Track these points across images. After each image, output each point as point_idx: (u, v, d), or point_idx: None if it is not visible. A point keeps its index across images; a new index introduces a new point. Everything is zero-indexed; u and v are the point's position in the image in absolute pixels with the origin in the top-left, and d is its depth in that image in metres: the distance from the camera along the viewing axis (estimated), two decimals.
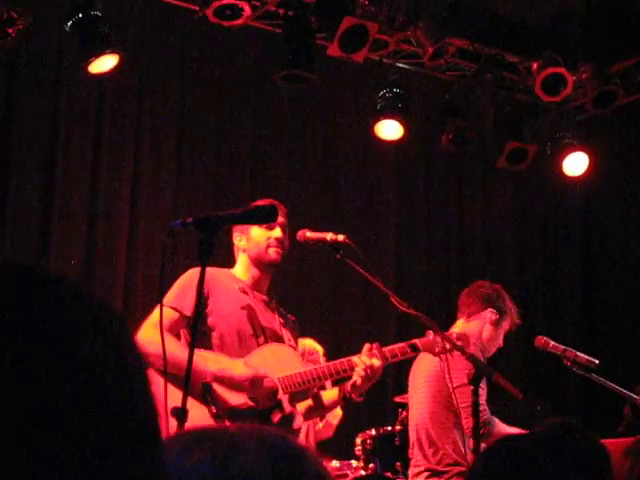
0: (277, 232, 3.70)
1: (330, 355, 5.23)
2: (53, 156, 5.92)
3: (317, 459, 1.03)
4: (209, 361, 3.41)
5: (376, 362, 3.52)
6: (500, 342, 4.53)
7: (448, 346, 3.59)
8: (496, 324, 4.45)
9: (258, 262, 3.73)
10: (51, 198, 5.85)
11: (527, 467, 1.48)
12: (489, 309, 4.45)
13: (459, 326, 4.45)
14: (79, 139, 6.02)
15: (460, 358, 3.55)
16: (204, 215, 2.63)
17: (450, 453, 4.07)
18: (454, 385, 3.84)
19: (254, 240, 3.72)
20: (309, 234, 3.68)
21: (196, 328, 2.60)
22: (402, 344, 3.66)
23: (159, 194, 6.23)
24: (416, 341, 3.66)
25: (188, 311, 3.41)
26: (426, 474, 4.10)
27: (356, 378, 3.52)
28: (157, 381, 2.88)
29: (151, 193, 6.22)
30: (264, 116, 6.73)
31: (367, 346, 3.59)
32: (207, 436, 1.02)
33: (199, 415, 3.18)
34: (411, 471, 4.27)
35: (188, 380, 2.51)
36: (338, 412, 5.22)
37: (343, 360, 3.57)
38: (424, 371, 4.18)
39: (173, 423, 2.59)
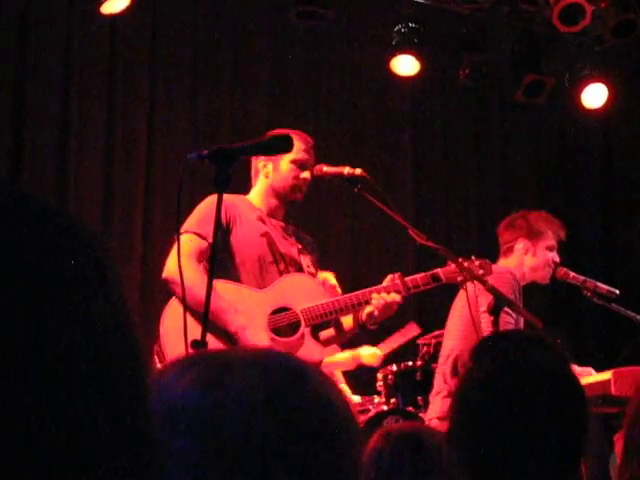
0: (307, 174, 3.69)
1: (349, 290, 5.24)
2: (68, 96, 5.92)
3: (324, 380, 0.97)
4: (237, 313, 3.40)
5: (395, 296, 3.52)
6: (553, 260, 4.43)
7: (470, 275, 3.57)
8: (532, 251, 4.40)
9: (278, 194, 3.71)
10: (66, 140, 5.88)
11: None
12: (519, 239, 4.41)
13: (501, 264, 4.45)
14: (93, 80, 6.02)
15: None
16: (220, 147, 2.61)
17: None
18: (482, 309, 3.84)
19: (282, 173, 3.69)
20: (326, 168, 3.66)
21: (214, 260, 2.59)
22: (424, 274, 3.66)
23: (176, 129, 6.24)
24: (438, 271, 3.65)
25: (210, 238, 3.41)
26: (441, 395, 4.11)
27: (372, 309, 3.53)
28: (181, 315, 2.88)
29: (168, 128, 6.23)
30: (280, 53, 6.68)
31: (389, 277, 3.59)
32: (200, 359, 0.98)
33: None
34: (430, 397, 4.29)
35: (207, 314, 2.52)
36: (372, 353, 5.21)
37: (365, 291, 3.57)
38: (459, 306, 4.17)
39: None
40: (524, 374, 1.46)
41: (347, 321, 3.72)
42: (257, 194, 3.77)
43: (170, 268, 3.34)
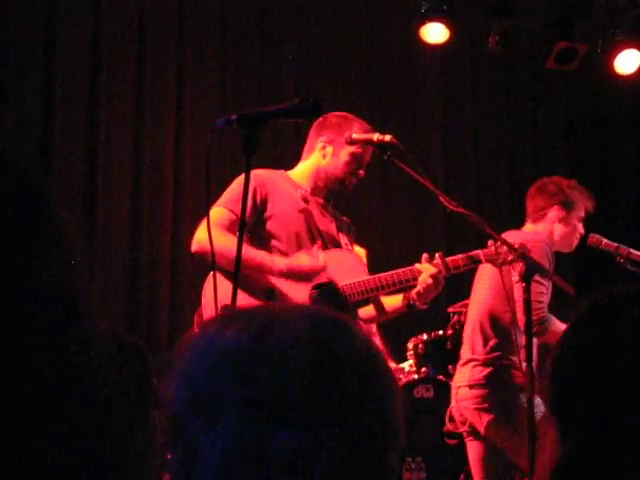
0: (362, 172, 3.69)
1: (379, 259, 5.23)
2: (97, 67, 5.97)
3: (364, 333, 0.99)
4: (275, 258, 3.40)
5: (439, 274, 3.49)
6: (580, 231, 4.42)
7: (510, 258, 3.53)
8: (565, 220, 4.36)
9: (327, 179, 3.69)
10: (96, 110, 5.91)
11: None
12: (554, 207, 4.36)
13: (528, 229, 4.40)
14: (122, 49, 6.06)
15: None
16: (248, 111, 2.59)
17: (499, 346, 4.04)
18: (515, 279, 3.82)
19: (340, 162, 3.65)
20: (355, 135, 3.63)
21: (243, 228, 2.58)
22: (464, 255, 3.60)
23: (205, 97, 6.25)
24: (479, 252, 3.60)
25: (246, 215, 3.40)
26: (472, 364, 4.09)
27: (420, 287, 3.49)
28: (221, 280, 2.87)
29: (197, 96, 6.25)
30: (308, 20, 6.65)
31: (426, 256, 3.54)
32: (244, 313, 0.99)
33: None
34: (458, 366, 4.27)
35: (237, 276, 2.52)
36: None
37: (406, 269, 3.53)
38: (488, 272, 4.13)
39: None
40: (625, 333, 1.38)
41: (395, 300, 3.68)
42: (305, 171, 3.74)
43: (200, 238, 3.33)
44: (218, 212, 3.41)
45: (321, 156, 3.69)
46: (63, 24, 5.88)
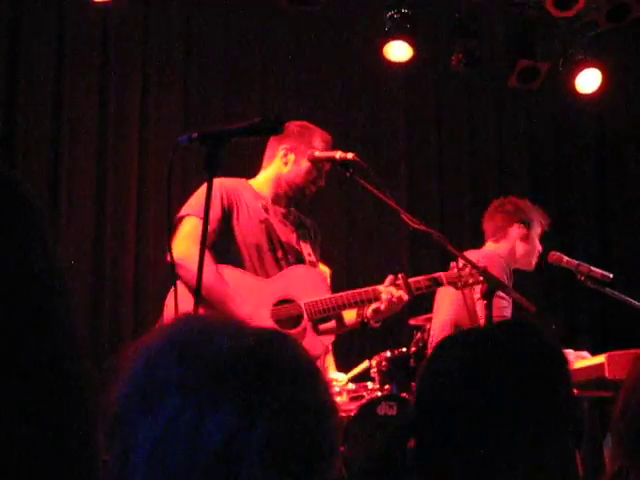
0: (322, 182, 3.72)
1: (342, 276, 5.24)
2: (60, 83, 5.93)
3: (305, 351, 1.01)
4: (244, 302, 3.39)
5: (403, 294, 3.51)
6: (538, 248, 4.48)
7: (471, 281, 3.56)
8: (526, 238, 4.41)
9: (288, 187, 3.69)
10: (58, 125, 5.88)
11: (478, 363, 1.39)
12: (514, 225, 4.41)
13: (489, 248, 4.42)
14: (85, 66, 6.04)
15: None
16: (210, 129, 2.59)
17: None
18: (477, 296, 3.84)
19: (301, 171, 3.67)
20: (318, 153, 3.64)
21: (205, 241, 2.56)
22: (427, 276, 3.63)
23: (168, 114, 6.24)
24: (441, 275, 3.63)
25: (212, 224, 3.39)
26: None
27: (379, 305, 3.50)
28: (187, 299, 2.85)
29: (160, 113, 6.23)
30: (272, 38, 6.66)
31: (391, 277, 3.56)
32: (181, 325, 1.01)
33: None
34: None
35: (198, 295, 2.50)
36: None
37: (369, 289, 3.55)
38: (450, 291, 4.15)
39: None
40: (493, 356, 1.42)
41: (350, 315, 3.69)
42: (266, 179, 3.74)
43: (180, 251, 3.28)
44: (192, 223, 3.40)
45: (282, 164, 3.70)
46: (27, 38, 5.84)
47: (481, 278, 3.54)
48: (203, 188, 3.47)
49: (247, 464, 0.88)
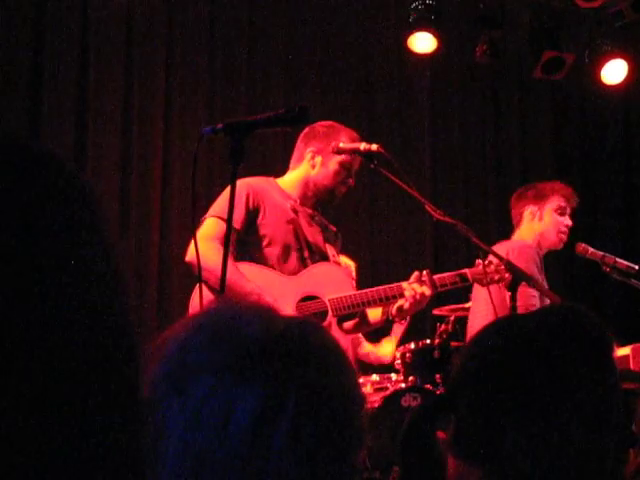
0: (352, 181, 3.73)
1: (366, 271, 5.24)
2: (85, 78, 5.95)
3: (338, 342, 1.02)
4: (264, 293, 3.38)
5: (426, 291, 3.49)
6: (561, 224, 4.39)
7: (497, 277, 3.54)
8: (539, 214, 4.38)
9: (317, 190, 3.70)
10: (83, 120, 5.90)
11: (526, 349, 1.36)
12: (525, 208, 4.40)
13: (516, 238, 4.43)
14: (109, 60, 6.05)
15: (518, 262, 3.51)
16: (234, 120, 2.59)
17: None
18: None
19: (329, 172, 3.67)
20: (342, 144, 3.63)
21: (229, 239, 2.57)
22: (452, 274, 3.62)
23: (193, 106, 6.25)
24: (466, 271, 3.61)
25: (237, 224, 3.40)
26: None
27: (404, 302, 3.50)
28: (207, 298, 2.88)
29: (185, 105, 6.24)
30: (297, 29, 6.66)
31: (416, 273, 3.55)
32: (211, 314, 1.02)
33: None
34: None
35: (223, 287, 2.51)
36: (389, 350, 5.27)
37: (393, 285, 3.54)
38: (481, 295, 4.14)
39: None
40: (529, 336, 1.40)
41: (375, 313, 3.69)
42: (294, 181, 3.74)
43: (194, 251, 3.32)
44: (212, 224, 3.42)
45: (310, 166, 3.70)
46: (50, 32, 5.87)
47: (507, 275, 3.52)
48: (227, 189, 3.50)
49: (275, 449, 0.88)
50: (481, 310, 4.23)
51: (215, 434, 0.89)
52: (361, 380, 5.27)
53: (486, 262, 3.53)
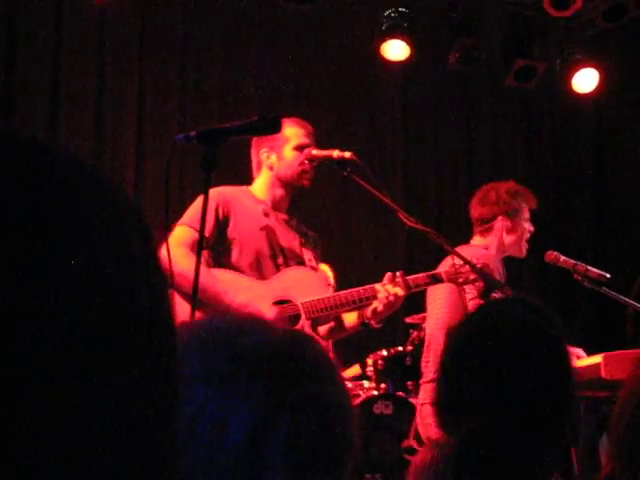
0: (310, 150, 3.66)
1: (341, 276, 5.24)
2: (57, 81, 5.92)
3: (324, 349, 1.02)
4: (235, 290, 3.38)
5: (399, 291, 3.47)
6: (527, 232, 4.39)
7: (472, 277, 3.54)
8: (512, 229, 4.36)
9: (286, 183, 3.68)
10: (56, 126, 5.86)
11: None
12: (499, 218, 4.35)
13: (476, 243, 4.40)
14: (82, 64, 6.03)
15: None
16: (208, 128, 2.59)
17: None
18: (469, 296, 3.83)
19: (287, 161, 3.65)
20: (315, 152, 3.63)
21: (201, 247, 2.58)
22: (425, 274, 3.61)
23: (165, 113, 6.23)
24: (440, 271, 3.62)
25: (206, 232, 3.38)
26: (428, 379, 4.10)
27: (377, 304, 3.47)
28: (179, 303, 2.86)
29: (157, 112, 6.22)
30: (269, 37, 6.66)
31: (389, 275, 3.54)
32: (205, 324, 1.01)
33: None
34: (421, 383, 4.26)
35: (195, 295, 2.51)
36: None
37: (367, 287, 3.52)
38: (441, 288, 4.12)
39: None
40: (505, 328, 1.46)
41: (350, 318, 3.67)
42: (261, 186, 3.73)
43: (163, 256, 3.31)
44: (182, 231, 3.41)
45: (268, 168, 3.70)
46: (24, 37, 5.84)
47: (472, 276, 3.53)
48: (199, 198, 3.49)
49: (270, 461, 0.88)
50: (437, 313, 4.20)
51: (209, 444, 0.88)
52: None
53: (457, 263, 3.54)
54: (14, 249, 0.50)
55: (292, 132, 3.60)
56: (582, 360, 3.91)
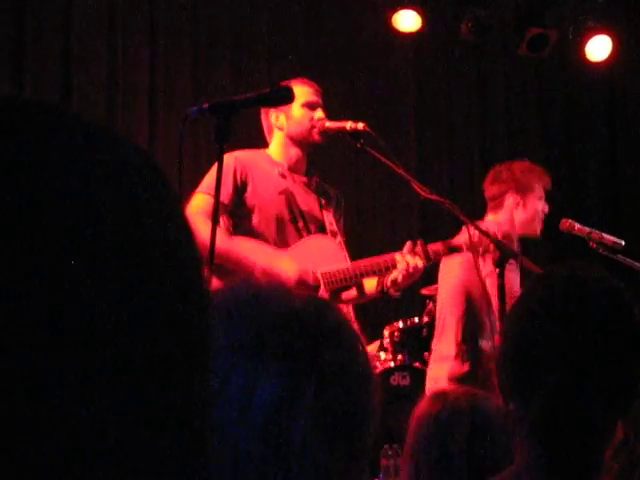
0: (319, 113, 3.64)
1: (355, 247, 5.25)
2: (68, 58, 5.92)
3: (347, 317, 1.02)
4: (258, 254, 3.39)
5: (419, 262, 3.44)
6: (541, 212, 4.35)
7: (492, 247, 3.50)
8: (523, 205, 4.32)
9: (299, 142, 3.66)
10: (67, 98, 5.88)
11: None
12: (509, 193, 4.31)
13: (489, 220, 4.37)
14: (93, 41, 6.02)
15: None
16: (220, 100, 2.59)
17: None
18: (485, 273, 3.80)
19: (296, 119, 3.64)
20: (328, 124, 3.63)
21: (216, 217, 2.58)
22: (444, 243, 3.55)
23: (177, 85, 6.23)
24: (460, 241, 3.58)
25: (225, 198, 3.38)
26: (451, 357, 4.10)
27: (397, 275, 3.45)
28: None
29: (169, 85, 6.22)
30: (280, 9, 6.63)
31: (409, 243, 3.50)
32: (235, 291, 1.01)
33: None
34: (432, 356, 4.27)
35: (212, 261, 2.52)
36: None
37: (386, 257, 3.49)
38: (457, 258, 4.11)
39: None
40: (580, 296, 1.43)
41: (370, 284, 3.65)
42: (276, 148, 3.72)
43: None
44: (201, 199, 3.41)
45: (279, 129, 3.70)
46: (33, 16, 5.84)
47: (498, 234, 3.49)
48: (215, 166, 3.48)
49: (298, 428, 0.88)
50: (452, 280, 4.18)
51: (236, 414, 0.89)
52: None
53: (472, 232, 3.49)
54: (27, 216, 0.49)
55: (299, 91, 3.56)
56: None
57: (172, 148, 5.77)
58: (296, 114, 3.64)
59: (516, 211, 4.31)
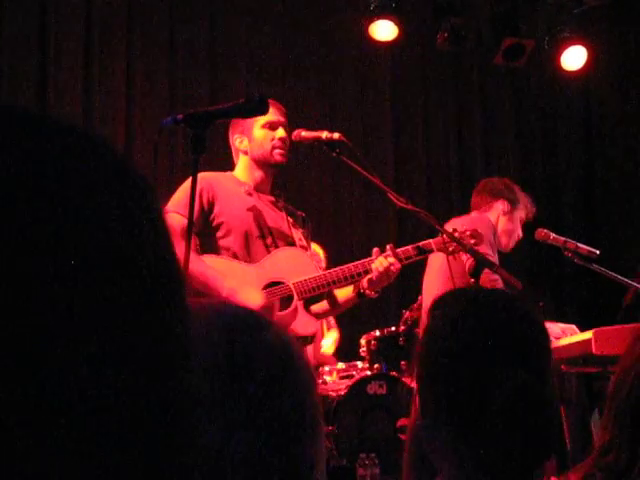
0: (280, 132, 3.65)
1: (332, 256, 5.26)
2: (44, 66, 5.90)
3: (279, 329, 0.96)
4: (225, 281, 3.38)
5: (394, 261, 3.46)
6: (519, 233, 4.50)
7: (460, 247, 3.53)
8: (509, 215, 4.42)
9: (262, 163, 3.68)
10: (44, 101, 5.85)
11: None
12: (500, 200, 4.43)
13: (473, 216, 4.43)
14: (69, 50, 6.00)
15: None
16: (194, 111, 2.59)
17: None
18: (465, 259, 3.84)
19: (257, 141, 3.66)
20: (304, 133, 3.63)
21: (190, 233, 2.57)
22: (415, 245, 3.59)
23: (153, 96, 6.22)
24: (430, 241, 3.60)
25: (194, 217, 3.37)
26: None
27: (372, 275, 3.48)
28: None
29: (146, 92, 6.20)
30: (258, 18, 6.63)
31: (376, 250, 3.52)
32: None
33: None
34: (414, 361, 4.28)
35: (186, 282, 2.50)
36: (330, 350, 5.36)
37: (357, 263, 3.51)
38: (437, 261, 4.16)
39: None
40: (486, 313, 1.44)
41: (345, 292, 3.66)
42: (242, 171, 3.74)
43: None
44: (170, 219, 3.39)
45: (243, 153, 3.71)
46: (9, 19, 5.81)
47: (472, 241, 3.52)
48: (183, 184, 3.48)
49: (230, 475, 0.86)
50: (436, 279, 4.24)
51: None
52: (327, 368, 5.29)
53: (447, 239, 3.52)
54: (20, 219, 0.49)
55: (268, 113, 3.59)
56: (573, 336, 3.94)
57: (148, 158, 5.76)
58: (257, 136, 3.66)
59: (502, 217, 4.42)
